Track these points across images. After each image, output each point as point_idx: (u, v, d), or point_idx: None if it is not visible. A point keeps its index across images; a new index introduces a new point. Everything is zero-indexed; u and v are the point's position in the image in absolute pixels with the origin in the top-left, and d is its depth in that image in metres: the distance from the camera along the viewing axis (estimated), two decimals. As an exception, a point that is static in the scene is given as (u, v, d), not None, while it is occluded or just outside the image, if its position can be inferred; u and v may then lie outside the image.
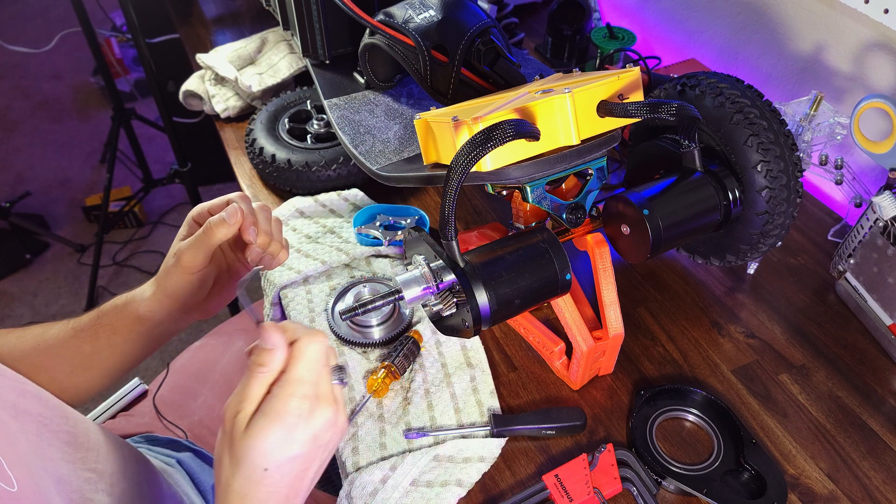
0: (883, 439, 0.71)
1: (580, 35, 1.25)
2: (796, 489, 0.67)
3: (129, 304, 0.71)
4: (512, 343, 0.82)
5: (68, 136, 2.82)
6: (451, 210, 0.57)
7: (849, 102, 0.98)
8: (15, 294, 2.19)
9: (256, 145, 1.01)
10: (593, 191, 0.71)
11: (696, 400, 0.74)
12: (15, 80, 3.16)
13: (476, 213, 0.99)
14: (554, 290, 0.65)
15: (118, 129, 2.12)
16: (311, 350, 0.51)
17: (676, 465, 0.69)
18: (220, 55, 1.18)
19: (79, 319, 0.73)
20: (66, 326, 0.72)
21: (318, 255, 0.87)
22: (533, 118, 0.62)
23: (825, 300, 0.86)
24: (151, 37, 1.96)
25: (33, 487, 0.51)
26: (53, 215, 2.45)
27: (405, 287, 0.62)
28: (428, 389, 0.75)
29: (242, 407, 0.49)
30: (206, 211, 0.68)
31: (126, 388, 0.98)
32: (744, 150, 0.71)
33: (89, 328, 0.71)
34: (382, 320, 0.80)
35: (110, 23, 2.74)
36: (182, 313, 0.71)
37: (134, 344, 0.72)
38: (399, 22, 0.84)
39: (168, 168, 1.91)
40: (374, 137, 0.89)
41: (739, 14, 1.12)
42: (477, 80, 0.85)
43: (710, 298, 0.86)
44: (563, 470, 0.66)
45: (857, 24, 0.92)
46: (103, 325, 0.71)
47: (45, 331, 0.72)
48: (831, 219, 0.97)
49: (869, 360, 0.79)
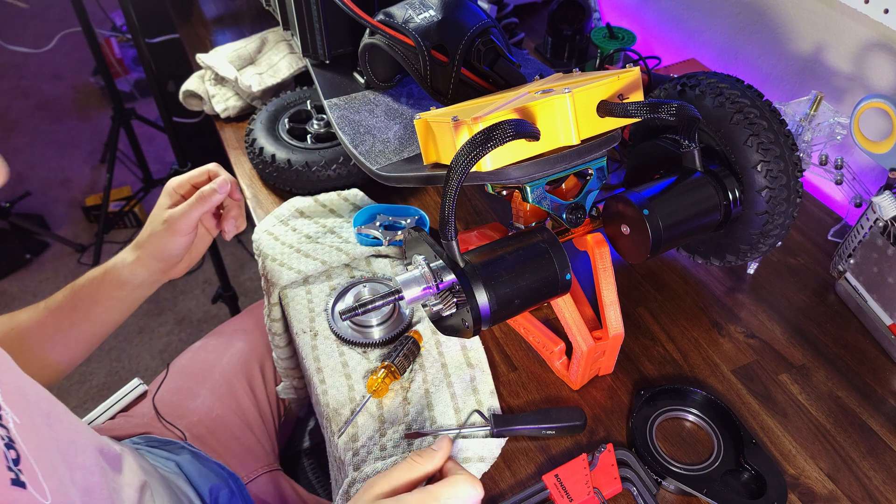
0: (883, 439, 0.72)
1: (580, 35, 1.25)
2: (796, 489, 0.67)
3: (108, 272, 0.78)
4: (512, 343, 0.82)
5: (68, 136, 2.82)
6: (451, 210, 0.57)
7: (849, 102, 0.98)
8: (15, 294, 2.19)
9: (256, 145, 1.01)
10: (593, 191, 0.71)
11: (696, 400, 0.74)
12: (15, 80, 3.16)
13: (476, 213, 0.99)
14: (554, 290, 0.65)
15: (118, 129, 2.12)
16: (462, 486, 0.55)
17: (676, 465, 0.69)
18: (220, 55, 1.18)
19: (51, 299, 0.78)
20: (37, 309, 0.77)
21: (318, 255, 0.87)
22: (533, 118, 0.62)
23: (825, 300, 0.86)
24: (151, 37, 1.96)
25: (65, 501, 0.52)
26: (53, 215, 2.45)
27: (405, 287, 0.62)
28: (428, 389, 0.75)
29: (382, 485, 0.56)
30: (186, 182, 0.79)
31: (126, 388, 0.98)
32: (744, 150, 0.71)
33: (66, 304, 0.76)
34: (382, 320, 0.80)
35: (110, 23, 2.74)
36: (162, 273, 0.80)
37: (113, 311, 0.79)
38: (399, 22, 0.84)
39: (168, 168, 1.91)
40: (374, 137, 0.89)
41: (739, 14, 1.12)
42: (477, 80, 0.85)
43: (710, 298, 0.86)
44: (563, 470, 0.66)
45: (857, 24, 0.92)
46: (81, 299, 0.77)
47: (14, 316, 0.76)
48: (831, 219, 0.97)
49: (869, 360, 0.79)
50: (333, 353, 0.79)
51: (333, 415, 0.73)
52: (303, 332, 0.81)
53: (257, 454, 0.93)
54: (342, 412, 0.73)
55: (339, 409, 0.74)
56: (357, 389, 0.75)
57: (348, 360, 0.78)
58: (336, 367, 0.77)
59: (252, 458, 0.92)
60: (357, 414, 0.73)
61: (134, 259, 0.78)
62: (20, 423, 0.50)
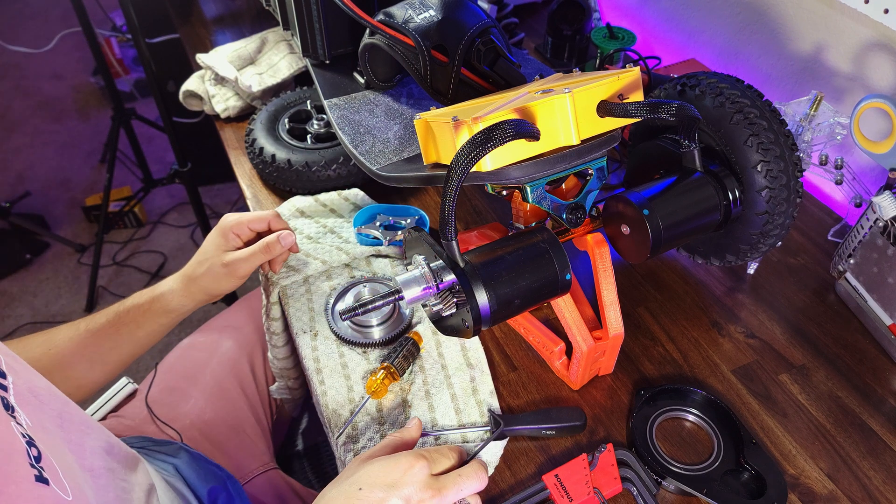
0: (883, 439, 0.71)
1: (580, 35, 1.25)
2: (796, 489, 0.67)
3: (156, 300, 0.80)
4: (512, 343, 0.82)
5: (68, 136, 2.82)
6: (451, 210, 0.57)
7: (849, 102, 0.98)
8: (15, 294, 2.19)
9: (256, 145, 1.01)
10: (593, 191, 0.71)
11: (696, 400, 0.74)
12: (15, 80, 3.16)
13: (476, 213, 0.99)
14: (554, 290, 0.65)
15: (118, 129, 2.12)
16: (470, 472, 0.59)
17: (676, 465, 0.69)
18: (220, 55, 1.18)
19: (93, 320, 0.79)
20: (78, 329, 0.78)
21: (318, 255, 0.87)
22: (533, 118, 0.62)
23: (825, 300, 0.86)
24: (151, 37, 1.96)
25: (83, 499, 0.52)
26: (53, 215, 2.45)
27: (405, 287, 0.62)
28: (428, 391, 0.75)
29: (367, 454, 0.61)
30: (244, 224, 0.79)
31: (115, 387, 0.94)
32: (744, 150, 0.71)
33: (108, 327, 0.78)
34: (382, 320, 0.80)
35: (110, 23, 2.74)
36: (204, 303, 0.82)
37: (154, 335, 0.82)
38: (399, 22, 0.84)
39: (168, 168, 1.91)
40: (374, 137, 0.89)
41: (739, 14, 1.12)
42: (477, 80, 0.85)
43: (710, 298, 0.86)
44: (563, 470, 0.66)
45: (857, 24, 0.92)
46: (125, 323, 0.79)
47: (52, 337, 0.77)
48: (831, 219, 0.97)
49: (869, 360, 0.79)
50: (333, 354, 0.78)
51: (333, 415, 0.73)
52: (302, 331, 0.81)
53: (253, 455, 0.92)
54: (341, 413, 0.73)
55: (338, 410, 0.74)
56: (356, 390, 0.75)
57: (348, 360, 0.78)
58: (336, 367, 0.77)
59: (248, 458, 0.92)
60: (356, 415, 0.73)
61: (183, 290, 0.80)
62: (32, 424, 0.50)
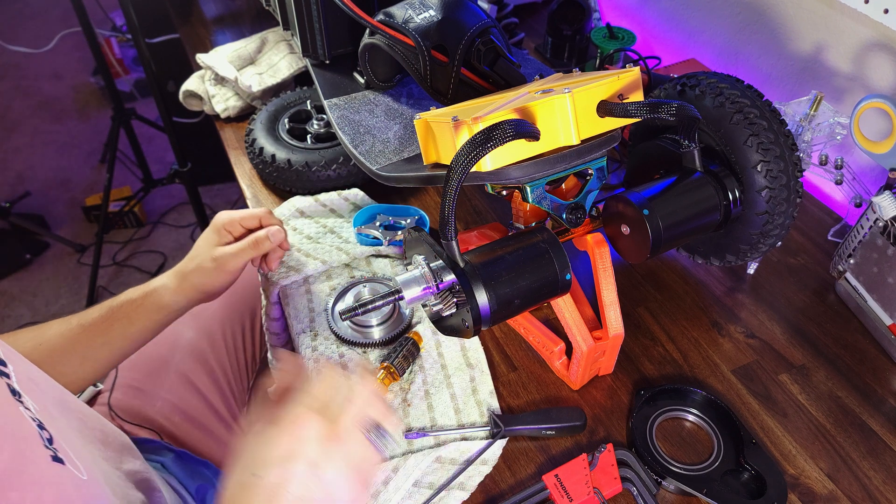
0: (883, 439, 0.71)
1: (580, 35, 1.25)
2: (796, 489, 0.67)
3: (149, 296, 0.78)
4: (512, 343, 0.82)
5: (68, 136, 2.82)
6: (451, 210, 0.57)
7: (849, 102, 0.98)
8: (15, 294, 2.19)
9: (256, 145, 1.01)
10: (593, 191, 0.71)
11: (696, 400, 0.74)
12: (15, 80, 3.16)
13: (476, 213, 0.99)
14: (554, 290, 0.65)
15: (118, 129, 2.12)
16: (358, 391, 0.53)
17: (676, 465, 0.69)
18: (220, 55, 1.18)
19: (85, 315, 0.78)
20: (70, 324, 0.76)
21: (318, 255, 0.87)
22: (533, 118, 0.62)
23: (825, 300, 0.86)
24: (151, 37, 1.96)
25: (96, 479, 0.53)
26: (53, 215, 2.45)
27: (405, 287, 0.62)
28: (428, 391, 0.75)
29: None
30: (237, 222, 0.79)
31: None
32: (744, 150, 0.71)
33: (101, 322, 0.76)
34: (382, 320, 0.80)
35: (110, 23, 2.74)
36: (199, 302, 0.81)
37: (146, 332, 0.80)
38: (399, 22, 0.84)
39: (168, 168, 1.91)
40: (374, 137, 0.89)
41: (739, 14, 1.12)
42: (477, 80, 0.85)
43: (710, 298, 0.86)
44: (563, 470, 0.66)
45: (857, 24, 0.92)
46: (118, 318, 0.77)
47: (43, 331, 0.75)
48: (831, 219, 0.97)
49: (869, 360, 0.79)
50: (333, 354, 0.78)
51: (333, 415, 0.73)
52: (302, 331, 0.81)
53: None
54: (342, 412, 0.73)
55: (339, 409, 0.74)
56: (357, 389, 0.75)
57: (348, 360, 0.78)
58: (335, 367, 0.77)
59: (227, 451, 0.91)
60: (357, 414, 0.73)
61: (176, 286, 0.79)
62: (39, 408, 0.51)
